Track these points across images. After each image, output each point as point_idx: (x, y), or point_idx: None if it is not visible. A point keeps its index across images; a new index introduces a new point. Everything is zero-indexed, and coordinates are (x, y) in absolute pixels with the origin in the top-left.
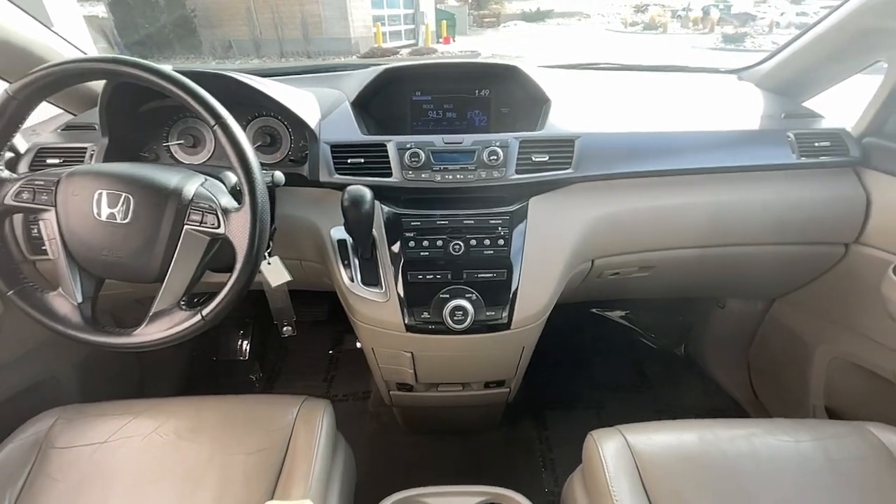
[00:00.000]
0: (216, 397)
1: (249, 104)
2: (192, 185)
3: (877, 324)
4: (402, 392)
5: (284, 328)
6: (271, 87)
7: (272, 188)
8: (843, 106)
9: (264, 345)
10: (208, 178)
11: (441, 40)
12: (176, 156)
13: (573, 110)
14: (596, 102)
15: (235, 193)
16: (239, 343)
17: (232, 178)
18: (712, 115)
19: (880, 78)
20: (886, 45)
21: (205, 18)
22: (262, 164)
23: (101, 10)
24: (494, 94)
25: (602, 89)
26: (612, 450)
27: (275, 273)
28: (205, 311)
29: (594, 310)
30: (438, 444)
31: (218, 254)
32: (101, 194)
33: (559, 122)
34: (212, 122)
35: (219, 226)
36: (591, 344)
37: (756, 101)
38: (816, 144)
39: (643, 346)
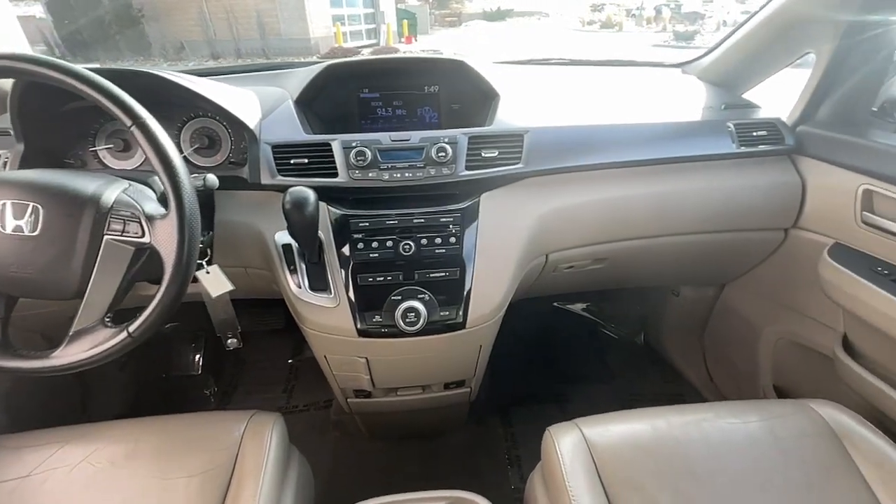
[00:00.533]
0: (157, 418)
1: (184, 105)
2: (111, 192)
3: (816, 304)
4: (360, 399)
5: (229, 340)
6: (206, 87)
7: (206, 192)
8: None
9: (219, 357)
10: (133, 183)
11: (403, 40)
12: (105, 161)
13: (523, 105)
14: (545, 97)
15: (164, 200)
16: (191, 357)
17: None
18: (658, 107)
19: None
20: (813, 37)
21: (153, 18)
22: (201, 168)
23: (38, 11)
24: (444, 90)
25: (552, 84)
26: (569, 444)
27: (214, 283)
28: (132, 328)
29: (556, 303)
30: (403, 450)
31: (149, 264)
32: (4, 205)
33: (508, 116)
34: (128, 122)
35: (143, 234)
36: (555, 337)
37: (698, 93)
38: (754, 134)
39: (605, 336)
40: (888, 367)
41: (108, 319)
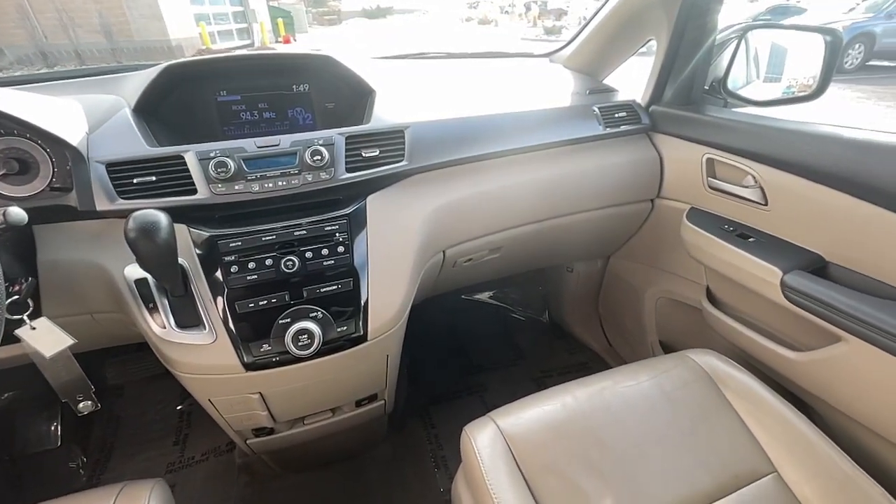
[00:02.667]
0: None
1: None
2: None
3: (683, 263)
4: (262, 438)
5: (80, 405)
6: (1, 98)
7: (9, 229)
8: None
9: (84, 420)
10: None
11: (280, 39)
12: None
13: (400, 100)
14: (423, 91)
15: None
16: (44, 427)
17: None
18: (531, 95)
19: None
20: (653, 25)
21: None
22: (14, 199)
23: None
24: (315, 89)
25: (428, 78)
26: (486, 440)
27: (47, 340)
28: None
29: (463, 296)
30: (322, 478)
31: None
32: None
33: (386, 113)
34: None
35: None
36: (465, 329)
37: (565, 80)
38: (616, 115)
39: (513, 320)
40: (745, 312)
41: None
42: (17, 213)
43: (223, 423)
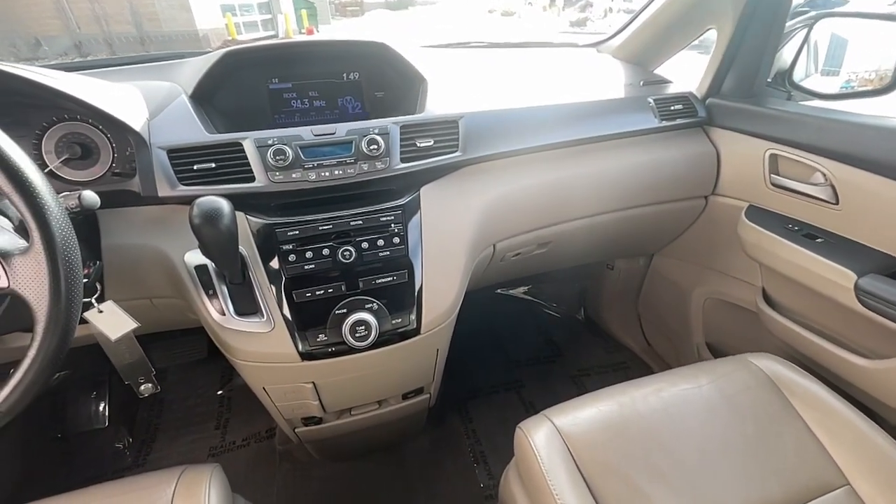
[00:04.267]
0: (54, 500)
1: (41, 107)
2: None
3: (738, 263)
4: (309, 427)
5: (142, 387)
6: (67, 82)
7: (82, 213)
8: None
9: (131, 402)
10: None
11: (304, 31)
12: None
13: (451, 90)
14: (471, 81)
15: (23, 229)
16: (93, 408)
17: None
18: (582, 86)
19: None
20: (715, 14)
21: None
22: (76, 184)
23: None
24: (365, 77)
25: (475, 68)
26: (542, 438)
27: (112, 323)
28: None
29: (499, 290)
30: (362, 468)
31: (15, 311)
32: None
33: (439, 102)
34: None
35: None
36: (501, 324)
37: (616, 71)
38: (672, 108)
39: (548, 317)
40: (805, 315)
41: None
42: (92, 196)
43: (274, 410)
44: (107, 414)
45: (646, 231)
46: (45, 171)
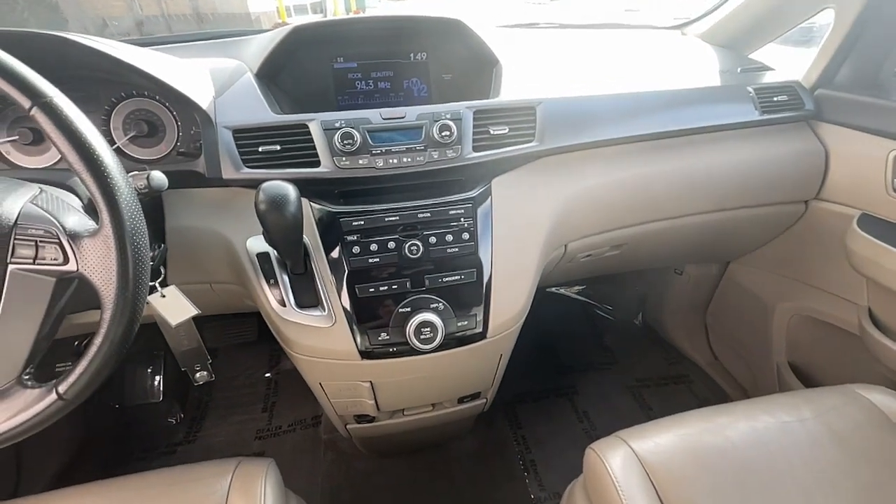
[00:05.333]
0: (115, 481)
1: (112, 81)
2: (13, 203)
3: (838, 278)
4: (361, 424)
5: (197, 374)
6: (138, 56)
7: (150, 195)
8: None
9: (183, 379)
10: (46, 188)
11: (352, 14)
12: (9, 158)
13: (526, 73)
14: (546, 64)
15: (92, 209)
16: (149, 382)
17: None
18: (668, 72)
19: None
20: None
21: None
22: (141, 162)
23: None
24: (433, 58)
25: (548, 50)
26: (619, 463)
27: (173, 308)
28: (62, 387)
29: (550, 289)
30: (407, 465)
31: (83, 293)
32: None
33: (514, 87)
34: (26, 103)
35: (66, 260)
36: (551, 325)
37: (708, 56)
38: (775, 99)
39: (602, 319)
40: None
41: (27, 377)
42: (161, 177)
43: (328, 406)
44: (161, 389)
45: (730, 236)
46: (113, 147)
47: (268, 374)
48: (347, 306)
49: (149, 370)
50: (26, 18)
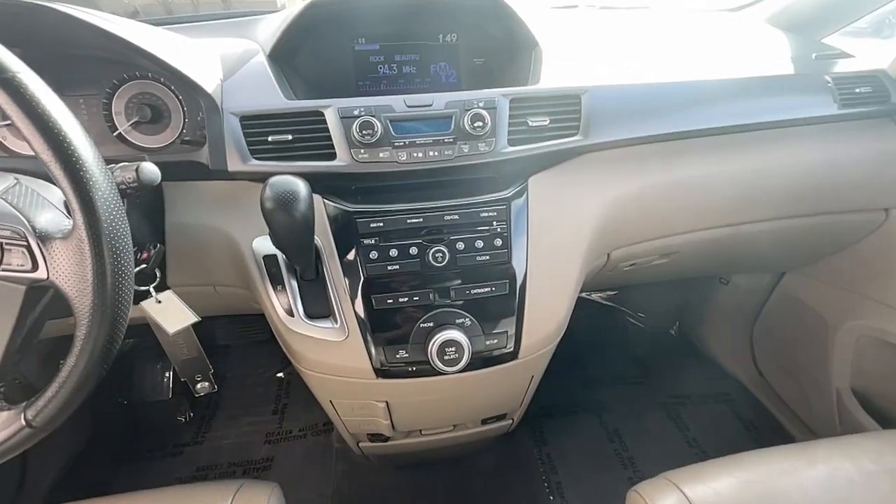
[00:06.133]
0: (106, 501)
1: (114, 62)
2: None
3: None
4: (374, 443)
5: (198, 385)
6: (140, 34)
7: (140, 189)
8: None
9: None
10: (21, 180)
11: None
12: (4, 144)
13: (569, 57)
14: (591, 48)
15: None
16: (158, 378)
17: None
18: (731, 58)
19: None
20: None
21: None
22: (144, 150)
23: None
24: (465, 40)
25: (591, 32)
26: None
27: (171, 314)
28: (31, 412)
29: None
30: (422, 477)
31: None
32: None
33: (555, 73)
34: None
35: (35, 266)
36: (580, 333)
37: (772, 40)
38: (857, 90)
39: (633, 328)
40: None
41: None
42: (151, 169)
43: (339, 423)
44: (170, 386)
45: (792, 245)
46: (115, 133)
47: (280, 374)
48: (362, 318)
49: (158, 366)
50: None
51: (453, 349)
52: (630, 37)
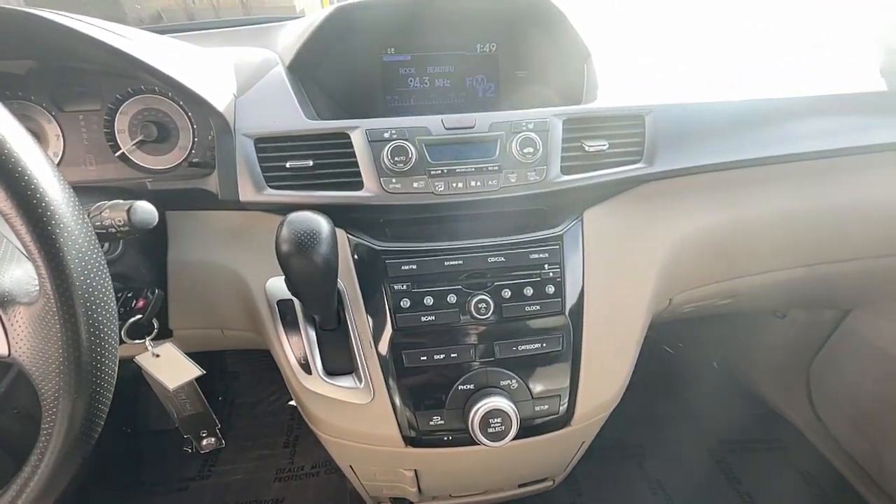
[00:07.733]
0: None
1: (117, 76)
2: None
3: None
4: None
5: (204, 441)
6: (144, 45)
7: (130, 233)
8: None
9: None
10: None
11: None
12: None
13: (627, 70)
14: (652, 58)
15: None
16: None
17: None
18: (812, 70)
19: None
20: None
21: None
22: (147, 171)
23: None
24: (505, 49)
25: (651, 42)
26: None
27: (170, 369)
28: None
29: None
30: None
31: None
32: None
33: (613, 89)
34: None
35: None
36: None
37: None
38: None
39: (670, 360)
40: None
41: None
42: (145, 210)
43: (359, 486)
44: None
45: (866, 282)
46: (117, 154)
47: (291, 402)
48: (391, 377)
49: None
50: (88, 10)
51: (499, 420)
52: (696, 46)
